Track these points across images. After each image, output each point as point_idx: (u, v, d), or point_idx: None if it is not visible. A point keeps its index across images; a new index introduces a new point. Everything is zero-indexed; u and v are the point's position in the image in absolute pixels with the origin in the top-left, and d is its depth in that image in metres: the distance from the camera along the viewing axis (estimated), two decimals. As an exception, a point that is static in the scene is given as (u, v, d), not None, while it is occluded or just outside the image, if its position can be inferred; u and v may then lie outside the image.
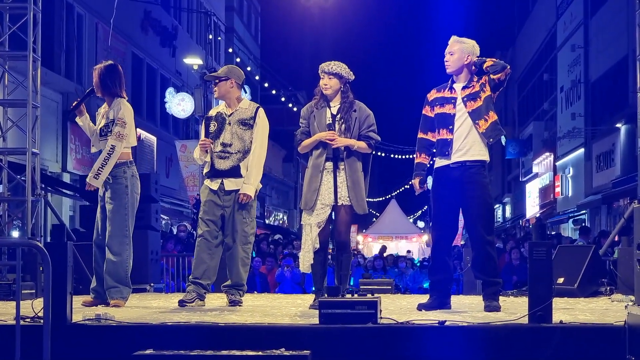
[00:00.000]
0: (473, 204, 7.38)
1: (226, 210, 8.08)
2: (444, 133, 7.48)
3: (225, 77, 8.19)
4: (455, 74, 7.54)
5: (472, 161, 7.37)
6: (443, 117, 7.49)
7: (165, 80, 30.08)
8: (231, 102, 8.22)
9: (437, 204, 7.53)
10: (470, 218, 7.44)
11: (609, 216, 27.86)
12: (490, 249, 7.40)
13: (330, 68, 7.71)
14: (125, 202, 8.04)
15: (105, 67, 8.24)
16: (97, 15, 22.96)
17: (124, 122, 8.02)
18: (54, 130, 20.37)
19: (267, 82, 40.43)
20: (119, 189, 8.03)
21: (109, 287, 7.97)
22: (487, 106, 7.42)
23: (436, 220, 7.58)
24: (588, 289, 9.58)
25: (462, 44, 7.51)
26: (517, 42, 50.04)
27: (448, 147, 7.42)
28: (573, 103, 32.91)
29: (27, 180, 10.56)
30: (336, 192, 7.61)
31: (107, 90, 8.16)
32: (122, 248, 8.01)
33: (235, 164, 8.06)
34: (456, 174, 7.39)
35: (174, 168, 28.99)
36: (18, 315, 5.56)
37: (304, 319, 6.53)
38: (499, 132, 7.48)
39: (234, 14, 40.78)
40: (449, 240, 7.60)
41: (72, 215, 21.45)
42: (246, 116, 8.14)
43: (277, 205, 50.68)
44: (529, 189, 43.29)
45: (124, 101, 8.16)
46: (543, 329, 5.81)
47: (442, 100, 7.53)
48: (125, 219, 8.03)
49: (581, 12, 31.57)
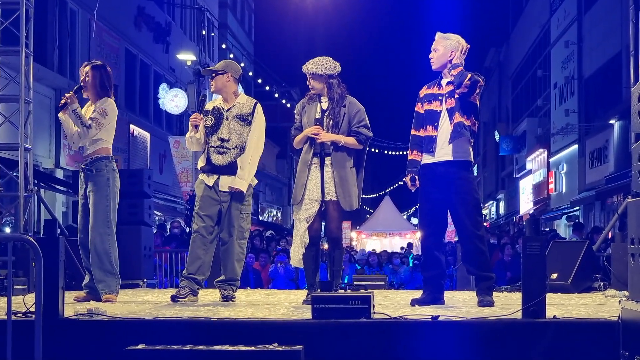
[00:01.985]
0: (459, 200, 7.37)
1: (223, 205, 8.05)
2: (430, 130, 7.48)
3: (222, 71, 8.16)
4: (441, 70, 7.53)
5: (456, 161, 7.37)
6: (430, 114, 7.49)
7: (159, 77, 30.04)
8: (228, 97, 8.19)
9: (424, 201, 7.54)
10: (457, 214, 7.43)
11: (602, 212, 27.89)
12: (480, 243, 7.38)
13: (308, 69, 7.64)
14: (107, 194, 8.04)
15: (102, 66, 8.22)
16: (90, 11, 22.88)
17: (105, 112, 8.02)
18: (46, 127, 20.33)
19: (261, 78, 40.42)
20: (101, 181, 8.04)
21: (97, 282, 7.97)
22: (461, 105, 7.39)
23: (424, 216, 7.59)
24: (582, 284, 9.58)
25: (446, 41, 7.50)
26: (510, 39, 50.09)
27: (433, 144, 7.43)
28: (567, 99, 32.94)
29: (19, 175, 10.54)
30: (323, 188, 7.57)
31: (102, 89, 8.12)
32: (104, 239, 8.00)
33: (233, 159, 8.03)
34: (441, 170, 7.39)
35: (167, 164, 28.96)
36: (9, 310, 5.54)
37: (296, 314, 6.51)
38: (458, 134, 7.40)
39: (228, 10, 40.75)
40: (438, 235, 7.59)
41: (65, 211, 21.42)
42: (244, 112, 8.10)
43: (270, 201, 50.69)
44: (522, 186, 43.34)
45: (111, 100, 8.14)
46: (537, 324, 5.80)
47: (430, 96, 7.53)
48: (107, 211, 8.03)
49: (575, 9, 31.60)
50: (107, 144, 8.13)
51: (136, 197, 11.13)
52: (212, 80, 8.22)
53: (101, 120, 8.00)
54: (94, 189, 8.05)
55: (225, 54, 36.23)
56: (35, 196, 11.26)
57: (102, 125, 8.00)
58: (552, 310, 6.20)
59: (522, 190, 43.15)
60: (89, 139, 8.01)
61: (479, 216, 7.56)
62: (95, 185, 8.05)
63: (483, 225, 7.65)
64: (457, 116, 7.38)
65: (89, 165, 8.08)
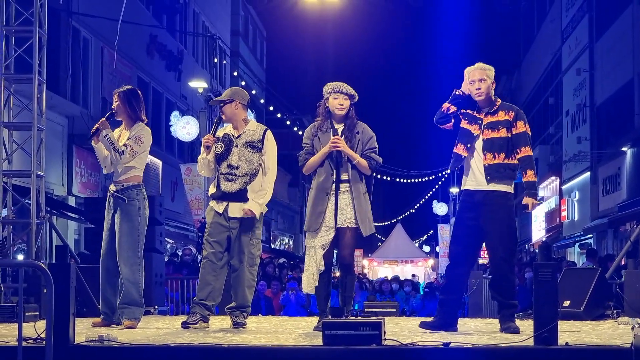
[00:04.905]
0: (495, 227, 7.37)
1: (232, 232, 8.05)
2: (461, 149, 7.51)
3: (229, 100, 8.17)
4: (486, 100, 7.54)
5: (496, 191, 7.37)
6: (466, 134, 7.50)
7: (171, 104, 30.13)
8: (238, 124, 8.20)
9: (459, 226, 7.55)
10: (492, 241, 7.43)
11: (615, 240, 27.74)
12: (510, 272, 7.44)
13: (347, 89, 7.69)
14: (138, 223, 8.06)
15: (130, 90, 8.26)
16: (103, 40, 23.03)
17: (140, 140, 8.03)
18: (59, 154, 20.38)
19: (273, 105, 40.48)
20: (132, 210, 8.04)
21: (122, 307, 7.97)
22: (509, 141, 7.41)
23: (456, 241, 7.56)
24: (594, 311, 9.53)
25: (489, 71, 7.55)
26: (522, 66, 50.10)
27: (459, 163, 7.53)
28: (579, 127, 32.88)
29: (31, 203, 10.58)
30: (340, 215, 7.57)
31: (133, 113, 8.14)
32: (134, 269, 8.01)
33: (242, 187, 8.03)
34: (479, 197, 7.41)
35: (179, 192, 28.99)
36: (20, 336, 5.54)
37: (307, 340, 6.50)
38: (504, 175, 7.42)
39: (240, 38, 40.90)
40: (468, 263, 7.58)
41: (77, 238, 21.43)
42: (254, 138, 8.11)
43: (282, 229, 50.61)
44: (534, 213, 43.15)
45: (144, 125, 8.16)
46: (549, 351, 5.77)
47: (471, 117, 7.53)
48: (137, 240, 8.04)
49: (586, 36, 31.61)
50: (139, 171, 8.15)
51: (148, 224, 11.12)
52: (221, 110, 8.23)
53: (135, 147, 8.02)
54: (125, 218, 8.05)
55: (237, 82, 36.34)
56: (47, 223, 11.29)
57: (136, 152, 8.03)
58: (564, 337, 6.17)
59: (535, 217, 42.97)
60: (122, 165, 8.03)
61: (514, 245, 7.55)
62: (127, 214, 8.05)
63: (515, 256, 7.64)
64: (499, 156, 7.41)
65: (120, 193, 8.07)
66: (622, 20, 26.58)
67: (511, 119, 7.44)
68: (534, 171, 7.42)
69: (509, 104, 7.63)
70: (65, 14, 20.54)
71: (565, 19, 35.06)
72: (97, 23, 22.07)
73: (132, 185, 8.07)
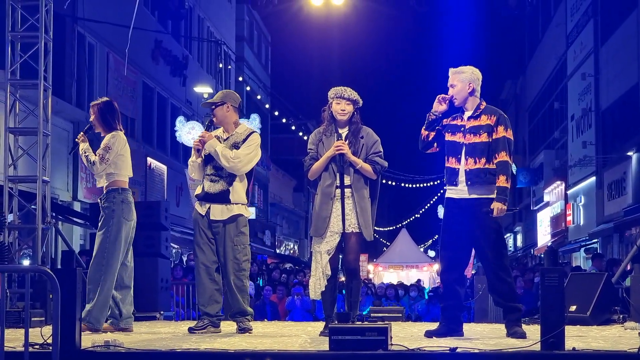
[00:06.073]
0: (482, 233, 7.35)
1: (216, 236, 8.03)
2: (453, 162, 7.47)
3: (220, 102, 8.16)
4: (463, 104, 7.52)
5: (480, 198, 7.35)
6: (453, 145, 7.48)
7: (176, 109, 30.16)
8: (228, 127, 8.19)
9: (446, 232, 7.52)
10: (481, 246, 7.42)
11: (621, 245, 27.70)
12: (504, 274, 7.37)
13: (350, 94, 7.69)
14: (110, 225, 8.16)
15: (105, 103, 8.39)
16: (109, 45, 23.07)
17: (107, 147, 8.17)
18: (64, 159, 20.41)
19: (277, 110, 40.50)
20: (107, 213, 8.22)
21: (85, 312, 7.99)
22: (490, 146, 7.37)
23: (445, 248, 7.56)
24: (601, 316, 9.52)
25: (460, 74, 7.50)
26: (527, 71, 50.08)
27: (456, 177, 7.42)
28: (584, 131, 32.85)
29: (37, 208, 10.59)
30: (345, 220, 7.57)
31: (107, 126, 8.29)
32: (97, 268, 8.05)
33: (225, 188, 8.01)
34: (465, 204, 7.39)
35: (184, 197, 29.01)
36: (27, 341, 5.54)
37: (314, 345, 6.49)
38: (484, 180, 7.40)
39: (244, 43, 40.94)
40: (458, 267, 7.55)
41: (82, 243, 21.46)
42: (239, 140, 8.08)
43: (287, 234, 50.62)
44: (540, 218, 43.13)
45: (118, 132, 8.27)
46: (556, 356, 5.76)
47: (453, 128, 7.52)
48: (105, 242, 8.09)
49: (591, 41, 31.59)
50: (120, 176, 8.24)
51: (153, 229, 11.16)
52: (213, 112, 8.22)
53: (105, 155, 8.16)
54: (102, 224, 8.21)
55: (242, 87, 36.38)
56: (53, 229, 11.30)
57: (107, 159, 8.15)
58: (571, 342, 6.16)
59: (540, 222, 42.93)
60: (99, 174, 8.21)
61: (503, 248, 7.52)
62: (103, 218, 8.22)
63: (507, 257, 7.61)
64: (480, 161, 7.37)
65: (102, 199, 8.28)
66: (627, 25, 26.57)
67: (492, 123, 7.38)
68: (506, 177, 7.32)
69: (493, 107, 7.52)
70: (70, 20, 20.59)
71: (570, 23, 35.04)
72: (102, 28, 22.12)
73: (110, 190, 8.25)
